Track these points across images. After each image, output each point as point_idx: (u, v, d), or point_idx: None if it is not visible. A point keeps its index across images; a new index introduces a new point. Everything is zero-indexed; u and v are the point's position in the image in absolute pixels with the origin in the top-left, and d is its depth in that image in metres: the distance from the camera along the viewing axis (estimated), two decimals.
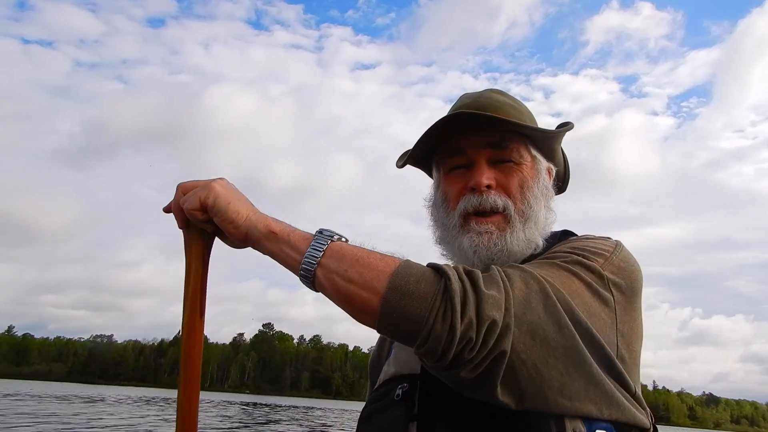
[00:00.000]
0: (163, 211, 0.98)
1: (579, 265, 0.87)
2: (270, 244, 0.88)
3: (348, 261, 0.83)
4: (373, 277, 0.80)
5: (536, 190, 1.01)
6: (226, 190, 0.91)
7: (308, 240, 0.87)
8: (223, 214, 0.89)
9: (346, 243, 0.87)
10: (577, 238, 1.00)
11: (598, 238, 0.98)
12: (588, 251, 0.90)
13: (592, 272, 0.87)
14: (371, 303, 0.79)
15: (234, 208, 0.89)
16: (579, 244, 0.93)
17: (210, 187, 0.90)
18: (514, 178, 1.00)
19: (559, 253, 0.91)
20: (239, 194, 0.92)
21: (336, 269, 0.83)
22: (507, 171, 1.00)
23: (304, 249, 0.86)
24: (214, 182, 0.92)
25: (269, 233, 0.88)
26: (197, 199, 0.90)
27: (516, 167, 1.00)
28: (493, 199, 0.98)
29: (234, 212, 0.89)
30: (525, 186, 1.00)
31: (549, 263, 0.87)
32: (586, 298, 0.84)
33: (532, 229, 0.99)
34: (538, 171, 1.03)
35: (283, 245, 0.87)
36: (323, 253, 0.84)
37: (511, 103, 1.05)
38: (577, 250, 0.91)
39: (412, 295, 0.77)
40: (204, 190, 0.90)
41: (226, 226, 0.90)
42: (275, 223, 0.89)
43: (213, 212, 0.90)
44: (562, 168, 1.13)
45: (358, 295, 0.81)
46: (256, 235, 0.89)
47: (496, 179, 0.99)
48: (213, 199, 0.89)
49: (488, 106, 1.01)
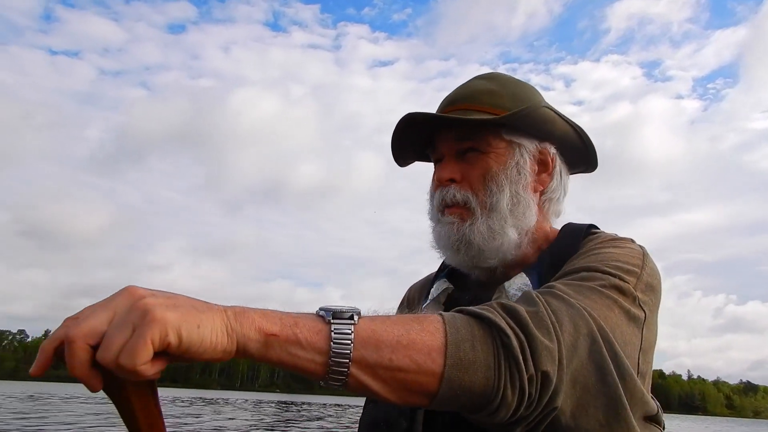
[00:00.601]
0: (33, 375, 0.59)
1: (617, 291, 0.82)
2: (274, 351, 0.61)
3: (388, 346, 0.65)
4: (426, 357, 0.66)
5: (502, 178, 0.97)
6: (177, 310, 0.56)
7: (323, 332, 0.63)
8: (197, 344, 0.56)
9: (368, 319, 0.67)
10: (603, 242, 0.94)
11: (625, 244, 0.93)
12: (622, 269, 0.85)
13: (627, 296, 0.83)
14: (430, 386, 0.66)
15: (207, 327, 0.57)
16: (610, 256, 0.88)
17: (153, 319, 0.54)
18: (476, 169, 0.98)
19: (594, 271, 0.84)
20: (190, 301, 0.59)
21: (377, 361, 0.65)
22: (472, 161, 0.99)
23: (324, 346, 0.63)
24: (149, 307, 0.55)
25: (268, 338, 0.61)
26: (145, 345, 0.53)
27: (482, 157, 0.98)
28: (452, 194, 0.98)
29: (211, 334, 0.57)
30: (488, 176, 0.97)
31: (589, 288, 0.81)
32: (623, 327, 0.80)
33: (495, 219, 0.96)
34: (510, 157, 0.99)
35: (291, 348, 0.62)
36: (353, 345, 0.63)
37: (490, 89, 1.01)
38: (610, 266, 0.86)
39: (472, 366, 0.67)
40: (149, 327, 0.53)
41: (204, 356, 0.58)
42: (266, 321, 0.62)
43: (184, 349, 0.56)
44: (574, 141, 1.04)
45: (413, 381, 0.66)
46: (253, 347, 0.60)
47: (462, 171, 0.99)
48: (176, 333, 0.55)
49: (462, 97, 1.01)
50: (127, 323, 0.53)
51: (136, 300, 0.55)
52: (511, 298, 0.92)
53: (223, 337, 0.58)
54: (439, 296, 1.04)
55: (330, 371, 0.63)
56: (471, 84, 1.05)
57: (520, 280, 0.96)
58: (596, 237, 0.98)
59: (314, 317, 0.65)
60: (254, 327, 0.60)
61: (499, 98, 1.00)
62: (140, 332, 0.53)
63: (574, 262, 0.89)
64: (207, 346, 0.56)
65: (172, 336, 0.54)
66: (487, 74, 1.08)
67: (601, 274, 0.84)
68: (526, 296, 0.77)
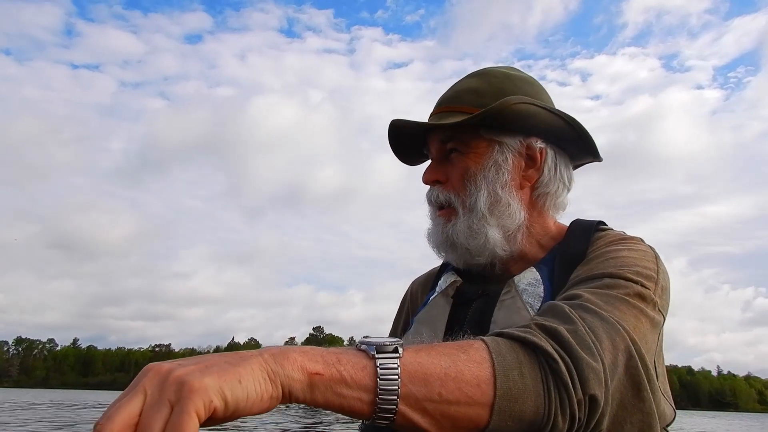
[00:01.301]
0: None
1: (642, 300, 0.82)
2: (320, 392, 0.58)
3: (436, 379, 0.62)
4: (476, 389, 0.63)
5: (479, 178, 0.98)
6: (212, 371, 0.51)
7: (368, 368, 0.60)
8: (244, 401, 0.53)
9: (413, 351, 0.63)
10: (615, 242, 0.94)
11: (637, 246, 0.93)
12: (642, 275, 0.85)
13: (648, 303, 0.82)
14: (480, 418, 0.64)
15: (248, 379, 0.53)
16: (628, 260, 0.87)
17: (191, 389, 0.49)
18: (457, 170, 1.00)
19: (617, 277, 0.83)
20: (221, 358, 0.55)
21: (426, 396, 0.62)
22: (455, 162, 1.01)
23: (370, 383, 0.59)
24: (182, 377, 0.50)
25: (312, 377, 0.57)
26: (190, 418, 0.48)
27: (462, 157, 1.00)
28: (436, 195, 1.01)
29: (255, 385, 0.53)
30: (466, 176, 0.99)
31: (616, 298, 0.79)
32: (649, 337, 0.80)
33: (474, 219, 0.97)
34: (489, 156, 0.99)
35: (337, 387, 0.58)
36: (400, 381, 0.60)
37: (474, 87, 1.02)
38: (632, 272, 0.84)
39: (522, 394, 0.65)
40: (189, 399, 0.48)
41: (253, 410, 0.55)
42: (308, 359, 0.58)
43: (231, 411, 0.52)
44: (567, 133, 1.01)
45: (463, 415, 0.63)
46: (298, 389, 0.56)
47: (446, 173, 1.01)
48: (220, 397, 0.50)
49: (447, 99, 1.03)
50: (162, 401, 0.48)
51: (165, 375, 0.50)
52: (522, 293, 0.93)
53: (267, 384, 0.54)
54: (447, 289, 1.05)
55: (377, 410, 0.59)
56: (459, 83, 1.05)
57: (530, 275, 0.96)
58: (605, 235, 0.98)
59: (357, 352, 0.62)
60: (297, 367, 0.56)
61: (482, 97, 1.00)
62: (181, 407, 0.48)
63: (593, 266, 0.88)
64: (254, 399, 0.53)
65: (217, 400, 0.50)
66: (479, 71, 1.07)
67: (625, 281, 0.83)
68: (559, 311, 0.74)
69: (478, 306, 0.98)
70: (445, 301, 1.03)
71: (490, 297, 0.97)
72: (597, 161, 1.08)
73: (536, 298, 0.92)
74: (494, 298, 0.96)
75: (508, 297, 0.95)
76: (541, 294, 0.93)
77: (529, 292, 0.94)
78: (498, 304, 0.94)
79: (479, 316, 0.95)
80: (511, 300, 0.94)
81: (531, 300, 0.92)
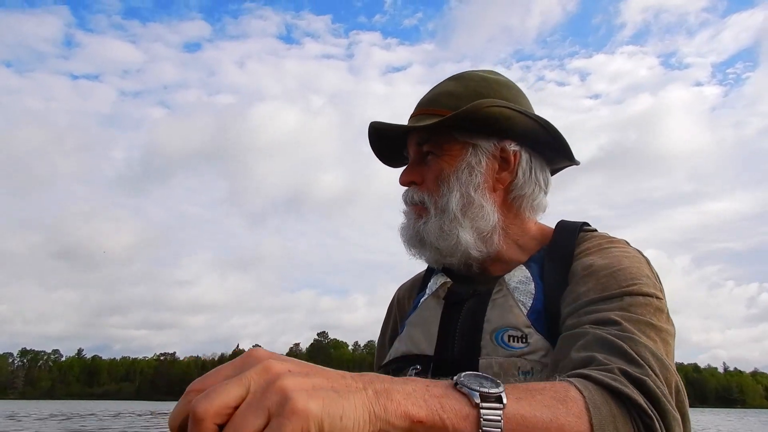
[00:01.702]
0: None
1: (660, 313, 0.84)
2: None
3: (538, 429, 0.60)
4: None
5: (452, 180, 0.99)
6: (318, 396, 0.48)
7: (470, 418, 0.57)
8: None
9: (514, 399, 0.61)
10: (607, 246, 0.96)
11: (629, 251, 0.95)
12: (653, 286, 0.87)
13: (664, 314, 0.85)
14: None
15: (350, 418, 0.49)
16: (634, 271, 0.88)
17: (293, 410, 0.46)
18: (431, 172, 1.02)
19: (636, 294, 0.84)
20: (328, 380, 0.51)
21: None
22: (430, 164, 1.03)
23: None
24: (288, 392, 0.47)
25: (413, 425, 0.53)
26: None
27: (436, 160, 1.02)
28: (411, 195, 1.04)
29: (354, 425, 0.50)
30: (440, 178, 1.01)
31: (646, 324, 0.80)
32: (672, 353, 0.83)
33: (446, 220, 0.99)
34: (462, 158, 1.00)
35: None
36: None
37: (451, 91, 1.04)
38: (644, 283, 0.86)
39: None
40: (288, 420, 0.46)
41: None
42: (411, 403, 0.54)
43: None
44: (542, 136, 1.02)
45: None
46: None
47: (422, 174, 1.04)
48: (317, 427, 0.47)
49: (425, 101, 1.06)
50: (262, 407, 0.47)
51: (273, 379, 0.48)
52: (513, 291, 0.95)
53: (365, 426, 0.51)
54: (437, 290, 1.05)
55: None
56: (438, 86, 1.07)
57: (520, 273, 0.98)
58: (592, 237, 1.00)
59: (459, 397, 0.58)
60: (399, 412, 0.53)
61: (458, 99, 1.01)
62: (279, 426, 0.46)
63: (605, 281, 0.87)
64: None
65: (314, 430, 0.47)
66: (459, 74, 1.09)
67: (643, 297, 0.84)
68: (618, 349, 0.74)
69: (470, 306, 0.98)
70: (437, 302, 1.03)
71: (481, 296, 0.98)
72: (574, 165, 1.10)
73: (528, 295, 0.94)
74: (486, 298, 0.97)
75: (499, 296, 0.96)
76: (532, 291, 0.94)
77: (520, 290, 0.95)
78: (490, 303, 0.95)
79: (472, 316, 0.96)
80: (503, 299, 0.95)
81: (522, 298, 0.94)
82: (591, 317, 0.82)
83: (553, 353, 0.84)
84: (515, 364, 0.87)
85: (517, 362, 0.87)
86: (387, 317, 1.26)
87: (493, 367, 0.88)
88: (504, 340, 0.89)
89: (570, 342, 0.80)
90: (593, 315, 0.82)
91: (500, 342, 0.90)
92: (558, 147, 1.05)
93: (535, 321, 0.91)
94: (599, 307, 0.83)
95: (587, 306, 0.85)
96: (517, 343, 0.89)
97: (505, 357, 0.88)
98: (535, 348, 0.88)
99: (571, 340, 0.80)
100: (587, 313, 0.83)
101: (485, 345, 0.91)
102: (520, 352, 0.88)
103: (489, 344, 0.90)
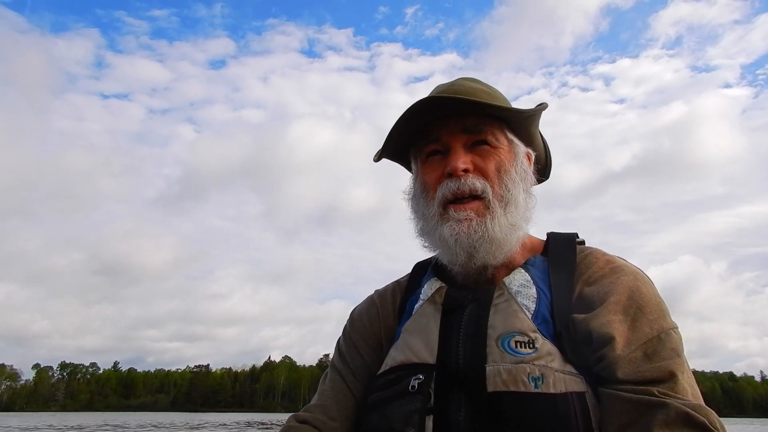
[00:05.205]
0: None
1: (681, 343, 0.86)
2: None
3: None
4: None
5: (514, 173, 0.97)
6: None
7: None
8: None
9: None
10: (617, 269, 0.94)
11: (638, 274, 0.94)
12: (667, 312, 0.88)
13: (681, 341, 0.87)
14: None
15: None
16: (654, 302, 0.88)
17: None
18: (491, 162, 0.96)
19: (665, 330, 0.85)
20: None
21: None
22: (484, 154, 0.97)
23: None
24: None
25: None
26: None
27: (493, 150, 0.97)
28: (472, 182, 0.94)
29: None
30: (502, 169, 0.96)
31: (678, 364, 0.82)
32: None
33: (513, 213, 0.95)
34: (515, 155, 1.00)
35: None
36: None
37: (484, 89, 1.01)
38: (665, 313, 0.88)
39: None
40: None
41: None
42: None
43: None
44: (542, 154, 1.09)
45: None
46: None
47: (474, 163, 0.96)
48: None
49: (461, 92, 0.98)
50: None
51: None
52: (515, 295, 0.92)
53: None
54: (434, 296, 1.00)
55: None
56: (463, 83, 1.02)
57: (520, 276, 0.95)
58: (593, 253, 0.99)
59: None
60: None
61: (494, 99, 0.99)
62: None
63: (637, 318, 0.86)
64: None
65: None
66: (471, 77, 1.06)
67: (673, 331, 0.85)
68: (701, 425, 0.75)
69: (471, 312, 0.93)
70: (434, 308, 0.98)
71: (481, 302, 0.94)
72: (541, 182, 1.11)
73: (530, 299, 0.91)
74: (487, 303, 0.93)
75: (501, 300, 0.92)
76: (534, 295, 0.91)
77: (522, 293, 0.92)
78: (492, 308, 0.92)
79: (474, 322, 0.91)
80: (506, 303, 0.91)
81: (525, 302, 0.91)
82: (644, 370, 0.80)
83: (611, 414, 0.79)
84: (525, 370, 0.83)
85: (527, 368, 0.83)
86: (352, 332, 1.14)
87: (501, 374, 0.83)
88: (511, 346, 0.86)
89: (642, 410, 0.77)
90: (645, 366, 0.81)
91: (507, 348, 0.86)
92: (544, 167, 1.09)
93: (541, 326, 0.87)
94: (642, 353, 0.82)
95: (628, 352, 0.82)
96: (524, 349, 0.85)
97: (513, 363, 0.84)
98: (543, 353, 0.84)
99: (644, 409, 0.77)
100: (633, 362, 0.81)
101: (491, 352, 0.86)
102: (529, 357, 0.84)
103: (495, 351, 0.86)
